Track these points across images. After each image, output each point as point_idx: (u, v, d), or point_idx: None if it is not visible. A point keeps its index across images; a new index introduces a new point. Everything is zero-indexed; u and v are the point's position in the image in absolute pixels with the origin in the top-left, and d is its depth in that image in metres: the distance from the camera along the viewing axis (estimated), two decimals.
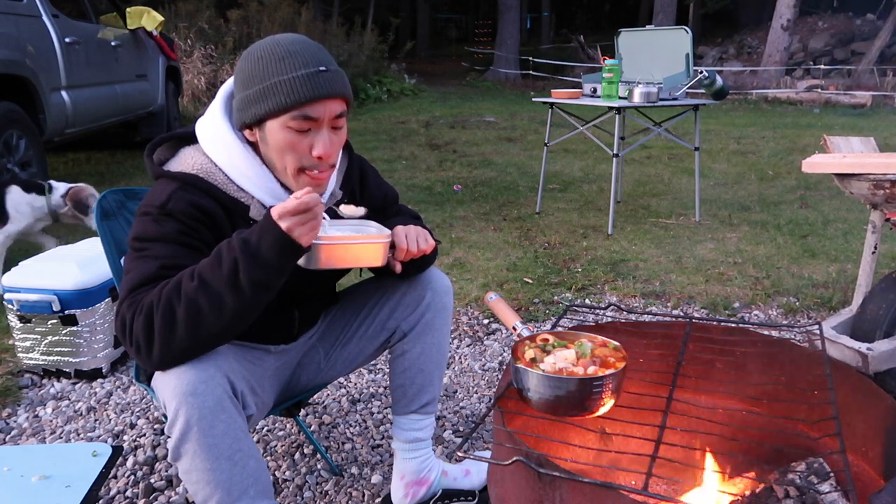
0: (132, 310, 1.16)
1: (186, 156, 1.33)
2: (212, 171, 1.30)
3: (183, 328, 1.14)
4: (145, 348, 1.15)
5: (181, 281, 1.16)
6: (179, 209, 1.24)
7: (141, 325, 1.14)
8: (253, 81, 1.24)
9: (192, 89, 9.65)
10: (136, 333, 1.15)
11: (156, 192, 1.27)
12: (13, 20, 4.15)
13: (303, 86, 1.22)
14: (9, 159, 4.01)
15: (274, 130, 1.25)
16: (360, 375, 2.41)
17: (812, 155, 2.24)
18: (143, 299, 1.17)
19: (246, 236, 1.16)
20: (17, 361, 2.41)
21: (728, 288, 3.23)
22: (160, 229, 1.23)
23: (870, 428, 1.27)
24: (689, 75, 4.16)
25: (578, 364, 1.19)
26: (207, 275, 1.15)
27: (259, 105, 1.24)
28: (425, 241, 1.41)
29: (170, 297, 1.14)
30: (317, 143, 1.26)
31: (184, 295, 1.14)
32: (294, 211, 1.14)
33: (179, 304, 1.14)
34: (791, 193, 5.24)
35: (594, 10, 29.79)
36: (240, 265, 1.14)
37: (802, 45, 15.94)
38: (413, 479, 1.64)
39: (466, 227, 4.28)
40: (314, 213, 1.15)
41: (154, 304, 1.14)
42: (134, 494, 1.75)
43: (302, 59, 1.23)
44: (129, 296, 1.19)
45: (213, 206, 1.28)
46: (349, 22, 14.16)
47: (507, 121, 9.68)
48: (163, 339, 1.14)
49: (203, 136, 1.34)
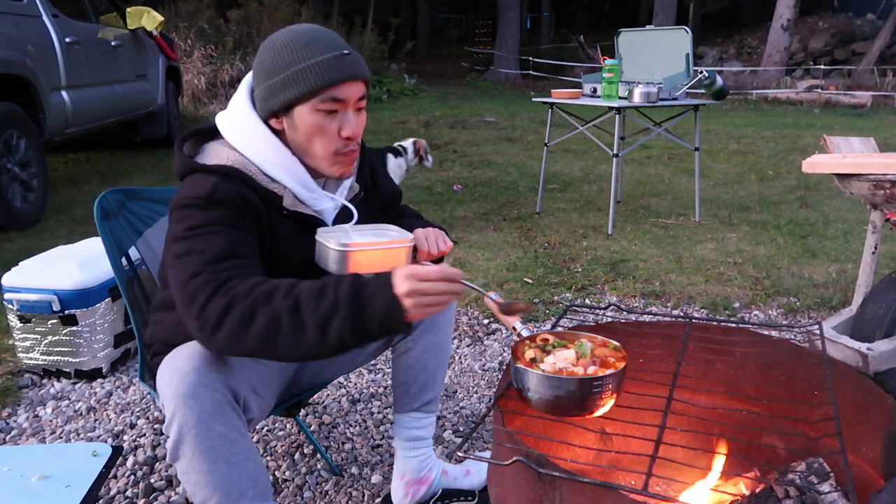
0: (213, 285, 1.12)
1: (215, 150, 1.32)
2: (245, 164, 1.29)
3: (255, 336, 1.09)
4: (209, 330, 1.10)
5: (275, 290, 1.11)
6: (227, 198, 1.22)
7: (218, 308, 1.10)
8: (279, 69, 1.25)
9: (192, 89, 9.65)
10: (209, 312, 1.10)
11: (194, 185, 1.24)
12: (13, 20, 4.16)
13: (330, 68, 1.24)
14: (9, 159, 4.02)
15: (303, 115, 1.26)
16: (360, 375, 2.41)
17: (812, 155, 2.24)
18: (228, 280, 1.12)
19: (359, 287, 1.09)
20: (17, 361, 2.41)
21: (728, 288, 3.23)
22: (213, 215, 1.20)
23: (870, 428, 1.27)
24: (689, 75, 4.16)
25: (578, 364, 1.19)
26: (303, 301, 1.09)
27: (288, 91, 1.24)
28: (444, 242, 1.43)
29: (257, 299, 1.09)
30: (345, 125, 1.28)
31: (272, 307, 1.09)
32: (427, 277, 1.07)
33: (264, 313, 1.08)
34: (791, 193, 5.24)
35: (594, 10, 29.79)
36: (338, 313, 1.07)
37: (802, 45, 15.94)
38: (413, 478, 1.64)
39: (466, 227, 4.29)
40: (444, 303, 1.09)
41: (239, 297, 1.10)
42: (134, 494, 1.75)
43: (325, 44, 1.25)
44: (206, 269, 1.13)
45: (254, 197, 1.27)
46: (349, 22, 14.15)
47: (507, 121, 9.68)
48: (230, 334, 1.10)
49: (229, 130, 1.33)
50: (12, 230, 3.97)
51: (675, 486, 1.39)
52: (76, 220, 4.33)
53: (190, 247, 1.17)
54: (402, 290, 1.06)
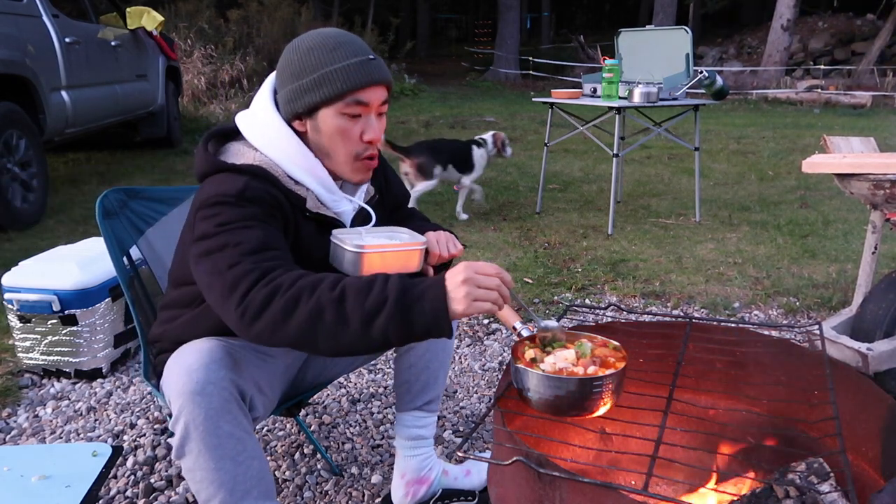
0: (256, 273, 1.11)
1: (240, 151, 1.32)
2: (271, 165, 1.30)
3: (296, 326, 1.08)
4: (251, 317, 1.10)
5: (321, 281, 1.11)
6: (258, 196, 1.22)
7: (262, 295, 1.09)
8: (306, 72, 1.26)
9: (192, 89, 9.64)
10: (252, 299, 1.09)
11: (223, 183, 1.23)
12: (13, 20, 4.15)
13: (357, 72, 1.26)
14: (9, 159, 4.02)
15: (327, 118, 1.28)
16: (360, 375, 2.41)
17: (812, 155, 2.24)
18: (272, 270, 1.12)
19: (409, 283, 1.10)
20: (17, 361, 2.41)
21: (728, 288, 3.23)
22: (245, 212, 1.19)
23: (870, 428, 1.27)
24: (689, 75, 4.16)
25: (578, 364, 1.19)
26: (349, 294, 1.09)
27: (314, 93, 1.26)
28: (454, 246, 1.44)
29: (302, 290, 1.09)
30: (367, 129, 1.30)
31: (317, 297, 1.08)
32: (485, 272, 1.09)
33: (307, 302, 1.08)
34: (791, 193, 5.24)
35: (594, 10, 29.79)
36: (385, 309, 1.07)
37: (802, 45, 15.95)
38: (414, 477, 1.64)
39: (466, 227, 4.29)
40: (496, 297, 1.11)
41: (283, 286, 1.10)
42: (134, 494, 1.75)
43: (352, 49, 1.27)
44: (247, 259, 1.13)
45: (282, 197, 1.27)
46: (349, 22, 14.17)
47: (507, 121, 9.68)
48: (271, 323, 1.09)
49: (252, 132, 1.33)
50: (12, 230, 3.97)
51: (675, 486, 1.39)
52: (76, 220, 4.33)
53: (224, 240, 1.16)
54: (459, 277, 1.08)
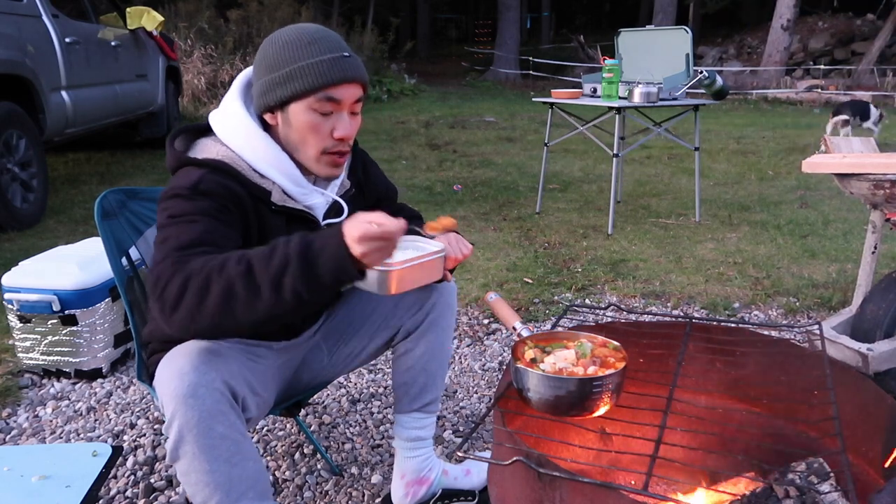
0: (174, 268, 1.12)
1: (206, 146, 1.34)
2: (234, 159, 1.31)
3: (212, 307, 1.09)
4: (169, 309, 1.11)
5: (227, 260, 1.12)
6: (211, 189, 1.23)
7: (176, 286, 1.10)
8: (279, 65, 1.27)
9: (192, 89, 9.65)
10: (169, 292, 1.11)
11: (182, 177, 1.26)
12: (13, 20, 4.15)
13: (329, 69, 1.26)
14: (9, 159, 4.02)
15: (298, 113, 1.29)
16: (360, 375, 2.41)
17: (812, 155, 2.24)
18: (188, 262, 1.13)
19: (309, 241, 1.11)
20: (17, 361, 2.41)
21: (728, 288, 3.23)
22: (195, 205, 1.21)
23: (870, 428, 1.27)
24: (689, 75, 4.16)
25: (578, 364, 1.19)
26: (255, 264, 1.10)
27: (285, 87, 1.27)
28: (465, 246, 1.44)
29: (211, 271, 1.10)
30: (338, 126, 1.31)
31: (225, 275, 1.09)
32: (375, 237, 1.06)
33: (218, 282, 1.09)
34: (791, 193, 5.24)
35: (594, 10, 29.78)
36: (290, 268, 1.08)
37: (802, 45, 15.95)
38: (413, 478, 1.64)
39: (466, 227, 4.28)
40: (393, 242, 1.09)
41: (194, 272, 1.11)
42: (134, 494, 1.75)
43: (327, 45, 1.28)
44: (173, 254, 1.15)
45: (241, 191, 1.28)
46: (349, 22, 14.16)
47: (507, 121, 9.68)
48: (188, 310, 1.10)
49: (220, 127, 1.35)
50: (12, 230, 3.97)
51: (675, 486, 1.39)
52: (76, 220, 4.33)
53: (166, 234, 1.19)
54: (360, 250, 1.06)
